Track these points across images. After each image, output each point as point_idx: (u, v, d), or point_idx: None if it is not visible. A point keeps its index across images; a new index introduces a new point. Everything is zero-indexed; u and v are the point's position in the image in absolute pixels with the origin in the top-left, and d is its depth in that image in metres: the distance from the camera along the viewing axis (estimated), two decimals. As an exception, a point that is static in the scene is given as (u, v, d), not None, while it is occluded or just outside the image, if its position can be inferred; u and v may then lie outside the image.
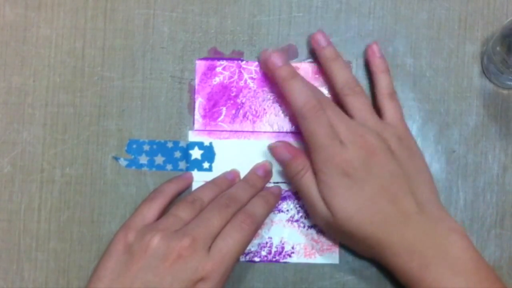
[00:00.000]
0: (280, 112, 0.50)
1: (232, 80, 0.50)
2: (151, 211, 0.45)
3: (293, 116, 0.49)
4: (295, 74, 0.46)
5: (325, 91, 0.50)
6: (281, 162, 0.48)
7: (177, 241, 0.42)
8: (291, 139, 0.50)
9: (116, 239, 0.44)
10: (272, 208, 0.48)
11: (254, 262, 0.49)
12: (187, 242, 0.42)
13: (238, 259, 0.44)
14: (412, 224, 0.43)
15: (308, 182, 0.45)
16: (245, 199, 0.46)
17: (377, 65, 0.48)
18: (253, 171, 0.49)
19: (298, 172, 0.46)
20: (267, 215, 0.47)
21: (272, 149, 0.48)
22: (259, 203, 0.46)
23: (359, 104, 0.46)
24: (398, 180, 0.44)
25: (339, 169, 0.43)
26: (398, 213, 0.43)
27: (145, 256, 0.42)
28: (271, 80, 0.49)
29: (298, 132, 0.50)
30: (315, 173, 0.45)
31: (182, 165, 0.50)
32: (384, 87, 0.47)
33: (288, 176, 0.47)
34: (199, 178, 0.49)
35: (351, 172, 0.43)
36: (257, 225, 0.45)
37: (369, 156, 0.44)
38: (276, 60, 0.46)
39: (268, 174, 0.49)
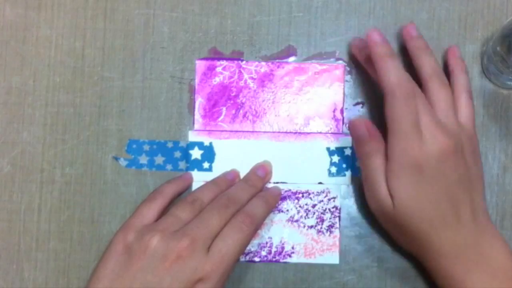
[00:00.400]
0: (280, 112, 0.50)
1: (232, 80, 0.50)
2: (151, 211, 0.45)
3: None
4: (393, 53, 0.45)
5: (324, 91, 0.50)
6: (356, 138, 0.46)
7: (176, 241, 0.42)
8: (291, 139, 0.50)
9: (116, 240, 0.44)
10: (272, 208, 0.48)
11: (254, 262, 0.49)
12: (186, 243, 0.42)
13: (237, 260, 0.44)
14: (464, 230, 0.44)
15: (375, 166, 0.45)
16: (245, 199, 0.46)
17: (457, 64, 0.47)
18: (253, 171, 0.49)
19: (368, 153, 0.45)
20: (266, 215, 0.47)
21: (351, 122, 0.46)
22: (259, 203, 0.46)
23: (444, 96, 0.45)
24: (463, 186, 0.44)
25: (414, 161, 0.43)
26: (455, 218, 0.43)
27: (144, 256, 0.42)
28: (361, 59, 0.48)
29: (297, 132, 0.50)
30: (387, 158, 0.44)
31: (182, 165, 0.50)
32: (464, 85, 0.47)
33: (357, 153, 0.47)
34: (199, 178, 0.49)
35: (425, 168, 0.43)
36: (257, 226, 0.45)
37: (445, 156, 0.43)
38: (376, 36, 0.45)
39: (268, 174, 0.49)
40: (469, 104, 0.46)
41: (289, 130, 0.50)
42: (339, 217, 0.49)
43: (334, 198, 0.49)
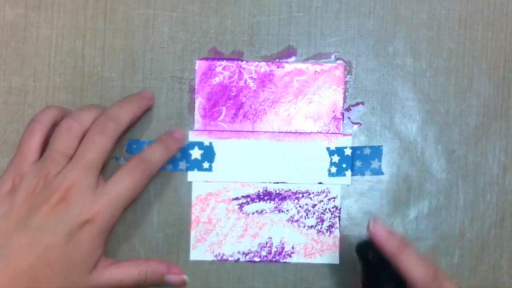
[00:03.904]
0: (280, 112, 0.50)
1: (232, 80, 0.50)
2: (32, 150, 0.44)
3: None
4: (407, 243, 0.42)
5: (324, 91, 0.50)
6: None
7: (59, 184, 0.42)
8: (291, 139, 0.50)
9: (1, 180, 0.44)
10: (172, 153, 0.47)
11: (254, 262, 0.49)
12: (68, 183, 0.42)
13: (128, 204, 0.44)
14: None
15: None
16: (124, 116, 0.46)
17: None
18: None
19: None
20: (165, 161, 0.46)
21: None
22: (157, 148, 0.46)
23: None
24: None
25: None
26: None
27: (29, 199, 0.42)
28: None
29: (297, 132, 0.50)
30: None
31: (182, 165, 0.50)
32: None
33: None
34: (199, 178, 0.49)
35: None
36: (151, 171, 0.45)
37: None
38: (382, 232, 0.42)
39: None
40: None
41: (289, 130, 0.50)
42: (339, 217, 0.49)
43: (334, 198, 0.49)
